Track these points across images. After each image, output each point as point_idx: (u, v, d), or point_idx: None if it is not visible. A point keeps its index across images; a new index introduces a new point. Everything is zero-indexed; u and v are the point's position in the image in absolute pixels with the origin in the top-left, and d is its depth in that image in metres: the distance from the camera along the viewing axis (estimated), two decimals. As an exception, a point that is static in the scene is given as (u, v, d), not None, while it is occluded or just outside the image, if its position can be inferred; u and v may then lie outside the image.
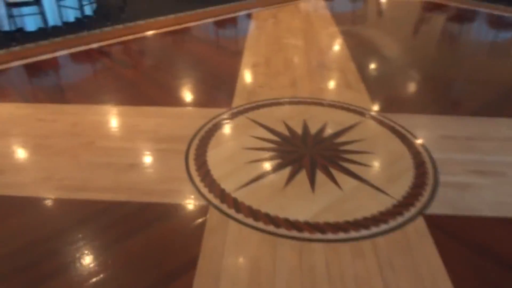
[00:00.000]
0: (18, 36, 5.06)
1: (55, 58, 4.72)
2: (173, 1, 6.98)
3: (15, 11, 5.05)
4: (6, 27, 5.12)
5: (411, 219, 2.38)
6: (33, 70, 4.48)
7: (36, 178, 2.70)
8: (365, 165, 2.83)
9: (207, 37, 5.70)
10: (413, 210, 2.44)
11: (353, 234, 2.27)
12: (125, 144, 3.06)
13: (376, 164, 2.85)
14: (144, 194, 2.56)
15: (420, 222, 2.36)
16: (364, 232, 2.28)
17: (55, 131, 3.26)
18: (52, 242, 2.23)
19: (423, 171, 2.78)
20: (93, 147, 3.03)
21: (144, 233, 2.28)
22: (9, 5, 4.94)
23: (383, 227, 2.32)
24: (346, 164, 2.83)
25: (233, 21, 6.35)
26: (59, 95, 3.87)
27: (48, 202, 2.50)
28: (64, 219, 2.38)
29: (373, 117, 3.44)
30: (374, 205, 2.48)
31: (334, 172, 2.75)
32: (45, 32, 5.24)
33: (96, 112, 3.53)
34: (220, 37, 5.80)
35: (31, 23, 5.28)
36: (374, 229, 2.30)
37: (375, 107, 3.62)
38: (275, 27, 5.92)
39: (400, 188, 2.62)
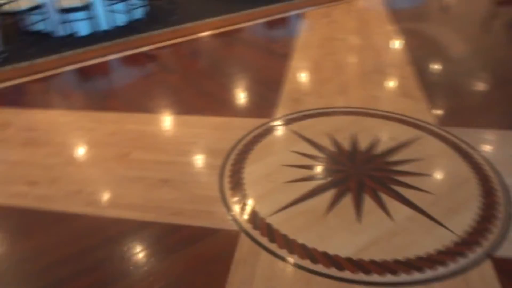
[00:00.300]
0: (70, 41, 5.14)
1: (102, 63, 4.72)
2: (222, 2, 6.83)
3: (68, 16, 5.13)
4: (60, 33, 5.23)
5: (476, 262, 2.00)
6: (81, 75, 4.50)
7: (68, 191, 2.62)
8: (421, 190, 2.46)
9: (256, 39, 5.48)
10: (478, 251, 2.06)
11: (403, 277, 1.93)
12: (160, 157, 2.91)
13: (434, 189, 2.47)
14: (172, 214, 2.39)
15: (487, 266, 1.98)
16: (416, 276, 1.94)
17: (93, 141, 3.19)
18: (74, 262, 2.11)
19: (492, 201, 2.37)
20: (127, 159, 2.91)
21: (166, 260, 2.10)
22: (63, 11, 5.02)
23: (441, 270, 1.96)
24: (399, 189, 2.48)
25: (283, 21, 6.08)
26: (102, 102, 3.83)
27: (76, 219, 2.40)
28: (88, 239, 2.26)
29: (433, 132, 3.03)
30: (430, 241, 2.12)
31: (385, 197, 2.42)
32: (96, 37, 5.29)
33: (136, 120, 3.43)
34: (269, 39, 5.55)
35: (83, 28, 5.35)
36: (429, 273, 1.95)
37: (436, 120, 3.20)
38: (327, 27, 5.57)
39: (463, 222, 2.23)
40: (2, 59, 4.67)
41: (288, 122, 3.27)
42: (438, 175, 2.61)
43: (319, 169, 2.71)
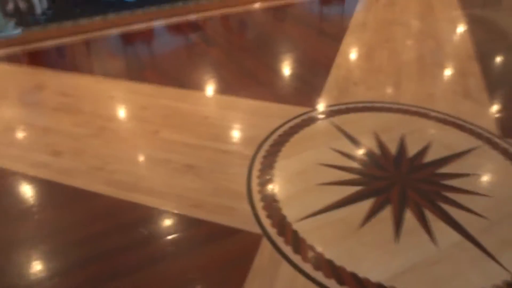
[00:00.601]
0: (116, 3, 5.01)
1: (145, 30, 4.57)
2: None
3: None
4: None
5: (532, 311, 1.71)
6: (123, 40, 4.39)
7: (90, 166, 2.52)
8: (474, 212, 2.15)
9: (307, 16, 5.12)
10: (536, 297, 1.76)
11: (441, 317, 1.68)
12: (189, 139, 2.74)
13: (490, 214, 2.15)
14: (193, 206, 2.22)
15: (545, 318, 1.68)
16: (458, 318, 1.68)
17: (123, 113, 3.08)
18: (85, 247, 2.01)
19: (559, 237, 2.03)
20: (155, 138, 2.76)
21: (178, 259, 1.94)
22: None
23: (488, 315, 1.69)
24: (447, 207, 2.18)
25: (339, -1, 5.66)
26: (139, 71, 3.68)
27: (93, 199, 2.28)
28: (103, 222, 2.14)
29: (495, 144, 2.66)
30: (476, 276, 1.84)
31: (430, 216, 2.13)
32: (143, 0, 5.12)
33: (170, 95, 3.26)
34: (321, 18, 5.18)
35: (131, -10, 5.20)
36: (473, 317, 1.68)
37: (500, 130, 2.81)
38: (385, 9, 5.11)
39: (520, 258, 1.92)
40: (48, 17, 4.61)
41: (330, 114, 2.99)
42: (496, 197, 2.27)
43: (359, 173, 2.44)
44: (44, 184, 2.40)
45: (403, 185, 2.33)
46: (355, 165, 2.50)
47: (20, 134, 2.84)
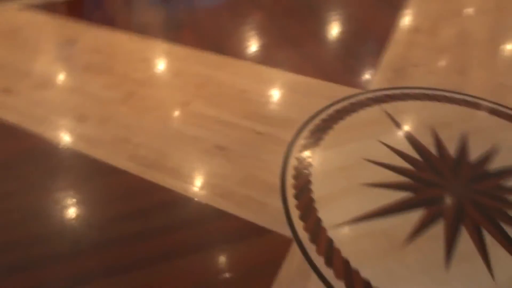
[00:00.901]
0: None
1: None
2: None
3: None
4: None
5: None
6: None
7: (115, 136, 2.34)
8: (544, 241, 1.82)
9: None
10: None
11: None
12: (222, 115, 2.50)
13: None
14: (220, 195, 2.01)
15: None
16: None
17: (156, 78, 2.86)
18: (100, 230, 1.86)
19: None
20: (186, 110, 2.54)
21: (196, 256, 1.75)
22: None
23: None
24: (512, 231, 1.86)
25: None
26: (175, 31, 3.41)
27: (114, 174, 2.12)
28: (120, 203, 1.98)
29: None
30: (544, 324, 1.55)
31: (489, 239, 1.82)
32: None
33: (205, 61, 2.99)
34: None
35: None
36: None
37: None
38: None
39: None
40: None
41: (383, 99, 2.65)
42: None
43: (409, 175, 2.13)
44: (64, 152, 2.26)
45: (461, 196, 2.01)
46: (406, 165, 2.18)
47: (46, 93, 2.68)
